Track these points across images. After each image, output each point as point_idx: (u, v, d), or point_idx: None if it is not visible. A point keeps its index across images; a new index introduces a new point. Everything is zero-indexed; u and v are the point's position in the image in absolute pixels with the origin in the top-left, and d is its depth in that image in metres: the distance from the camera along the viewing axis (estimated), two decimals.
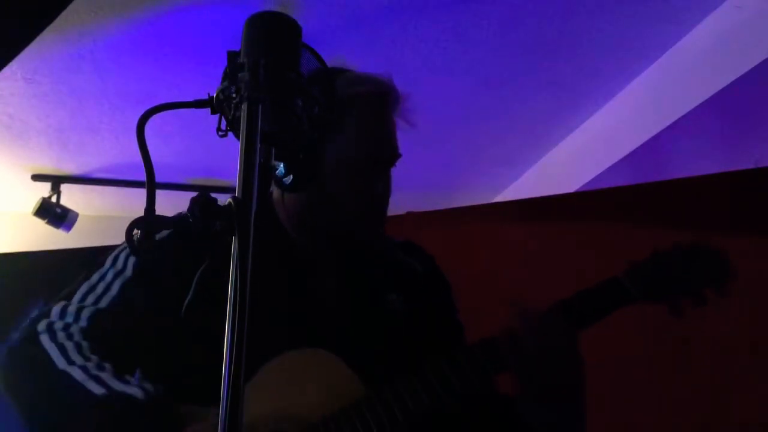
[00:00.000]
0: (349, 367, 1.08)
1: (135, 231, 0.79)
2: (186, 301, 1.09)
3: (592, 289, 1.13)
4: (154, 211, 0.86)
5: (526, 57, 2.90)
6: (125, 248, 1.19)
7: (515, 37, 2.77)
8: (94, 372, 1.04)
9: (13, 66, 2.71)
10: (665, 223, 2.19)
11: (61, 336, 1.10)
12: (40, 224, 3.68)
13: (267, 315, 1.10)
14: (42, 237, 3.73)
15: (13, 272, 3.81)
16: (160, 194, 0.83)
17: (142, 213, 1.08)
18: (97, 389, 1.02)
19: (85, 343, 1.09)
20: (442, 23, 2.69)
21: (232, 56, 0.80)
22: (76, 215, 3.74)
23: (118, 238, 0.96)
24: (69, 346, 1.08)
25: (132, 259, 1.16)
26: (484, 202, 3.89)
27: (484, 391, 1.12)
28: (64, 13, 2.26)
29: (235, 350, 0.68)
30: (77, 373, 1.03)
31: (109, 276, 1.16)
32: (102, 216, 4.07)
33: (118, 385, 1.03)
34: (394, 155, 1.23)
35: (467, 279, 1.13)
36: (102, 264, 1.19)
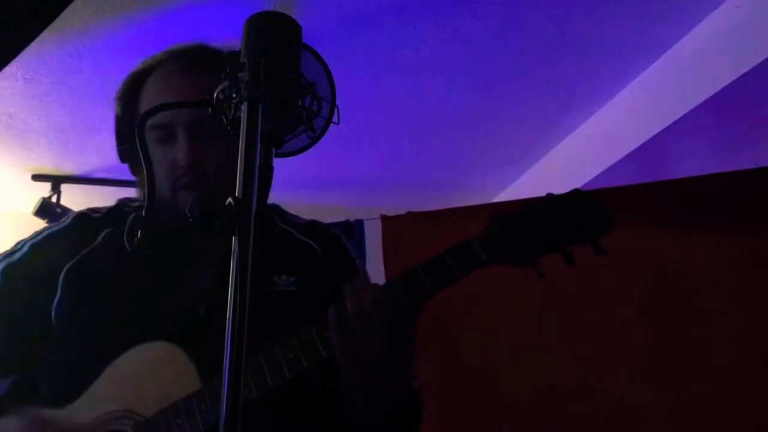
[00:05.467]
0: (190, 359, 1.05)
1: (137, 230, 0.79)
2: (54, 302, 1.14)
3: (441, 254, 1.02)
4: (155, 211, 0.86)
5: (526, 57, 2.90)
6: None
7: (515, 37, 2.77)
8: None
9: (13, 66, 2.71)
10: (665, 223, 2.19)
11: None
12: (41, 224, 3.66)
13: (135, 307, 1.13)
14: None
15: None
16: None
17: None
18: None
19: None
20: (442, 23, 2.68)
21: (233, 56, 0.80)
22: None
23: None
24: None
25: None
26: (484, 202, 3.89)
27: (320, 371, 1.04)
28: (64, 13, 2.26)
29: (236, 350, 0.68)
30: None
31: None
32: None
33: None
34: (185, 117, 1.14)
35: (467, 278, 1.10)
36: None
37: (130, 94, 1.24)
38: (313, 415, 1.13)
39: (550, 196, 1.02)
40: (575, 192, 1.02)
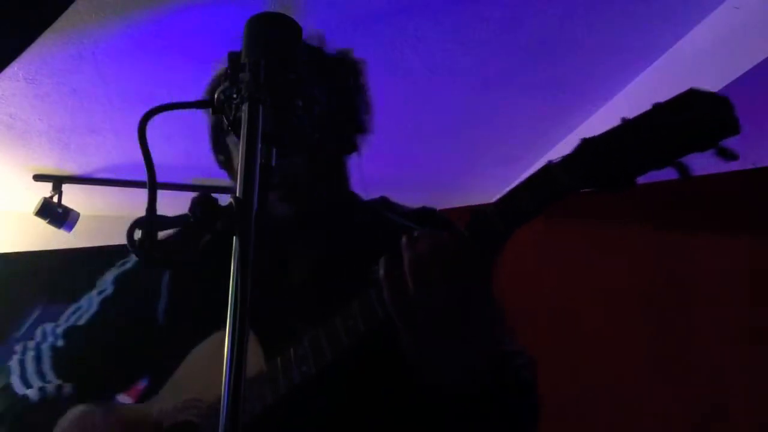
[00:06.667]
0: (259, 343, 1.01)
1: (136, 231, 0.79)
2: (161, 308, 1.17)
3: (517, 186, 0.90)
4: (156, 211, 0.86)
5: (526, 57, 2.90)
6: (111, 270, 1.26)
7: (515, 38, 2.77)
8: (52, 393, 1.10)
9: (14, 66, 2.72)
10: (665, 223, 2.19)
11: (29, 355, 1.18)
12: (42, 224, 3.69)
13: (220, 304, 1.13)
14: (43, 237, 3.73)
15: (13, 272, 3.83)
16: (162, 194, 0.83)
17: (143, 213, 1.09)
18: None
19: (48, 363, 1.17)
20: (442, 23, 2.69)
21: (234, 57, 0.81)
22: (77, 215, 3.74)
23: (119, 238, 0.98)
24: (30, 367, 1.16)
25: (111, 277, 1.24)
26: (484, 202, 3.90)
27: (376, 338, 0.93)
28: (65, 14, 2.27)
29: (236, 350, 0.69)
30: (33, 394, 1.10)
31: (93, 296, 1.24)
32: (103, 216, 4.08)
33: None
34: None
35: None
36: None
37: None
38: (381, 389, 1.01)
39: (656, 103, 0.88)
40: (690, 91, 0.88)
